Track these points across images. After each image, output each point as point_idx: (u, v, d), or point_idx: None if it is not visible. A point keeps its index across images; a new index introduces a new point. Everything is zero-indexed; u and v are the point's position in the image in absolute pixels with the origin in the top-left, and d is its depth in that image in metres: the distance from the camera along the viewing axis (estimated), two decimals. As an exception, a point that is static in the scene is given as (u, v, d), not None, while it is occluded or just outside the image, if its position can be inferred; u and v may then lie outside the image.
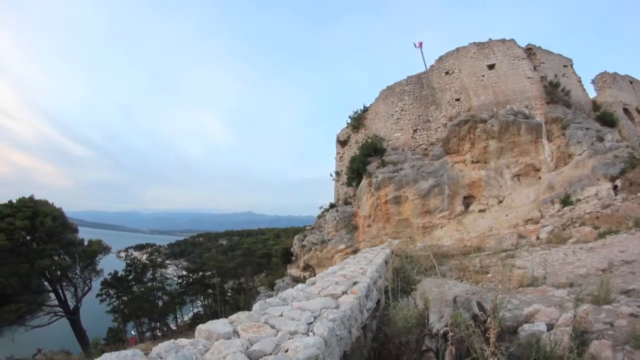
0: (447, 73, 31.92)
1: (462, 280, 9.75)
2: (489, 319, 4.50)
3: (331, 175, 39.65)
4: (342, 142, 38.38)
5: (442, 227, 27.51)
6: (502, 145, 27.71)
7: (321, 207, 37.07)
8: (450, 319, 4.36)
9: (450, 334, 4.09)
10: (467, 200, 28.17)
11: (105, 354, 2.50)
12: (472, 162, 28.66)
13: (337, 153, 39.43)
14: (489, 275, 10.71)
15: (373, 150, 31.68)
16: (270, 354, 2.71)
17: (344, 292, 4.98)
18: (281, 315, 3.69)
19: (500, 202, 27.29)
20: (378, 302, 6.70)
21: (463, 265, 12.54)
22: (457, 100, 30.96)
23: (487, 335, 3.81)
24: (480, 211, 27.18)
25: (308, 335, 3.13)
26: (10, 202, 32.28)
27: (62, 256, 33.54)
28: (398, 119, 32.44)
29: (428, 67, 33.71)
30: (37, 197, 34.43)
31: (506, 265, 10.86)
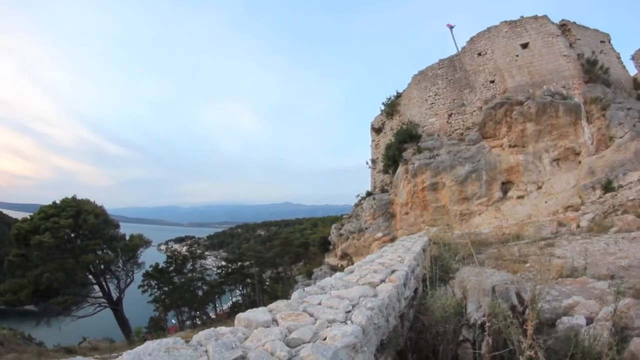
0: (479, 54, 30.70)
1: (500, 269, 9.15)
2: (527, 310, 4.44)
3: (367, 163, 39.04)
4: (377, 130, 37.73)
5: (479, 214, 26.71)
6: (539, 128, 26.47)
7: (358, 196, 36.97)
8: (488, 309, 4.27)
9: (487, 324, 3.99)
10: (505, 186, 27.17)
11: (148, 342, 2.59)
12: (510, 146, 27.48)
13: (372, 140, 38.74)
14: (528, 264, 10.32)
15: (408, 136, 30.98)
16: (309, 342, 2.74)
17: (382, 281, 4.98)
18: (319, 304, 3.71)
19: (539, 188, 26.11)
20: (416, 291, 6.66)
21: (501, 253, 12.17)
22: (492, 82, 29.78)
23: (524, 327, 3.75)
24: (518, 197, 26.20)
25: (346, 324, 3.14)
26: (54, 202, 33.27)
27: (105, 251, 34.38)
28: (432, 103, 31.61)
29: (459, 50, 32.46)
30: (79, 197, 35.37)
31: (545, 255, 10.74)
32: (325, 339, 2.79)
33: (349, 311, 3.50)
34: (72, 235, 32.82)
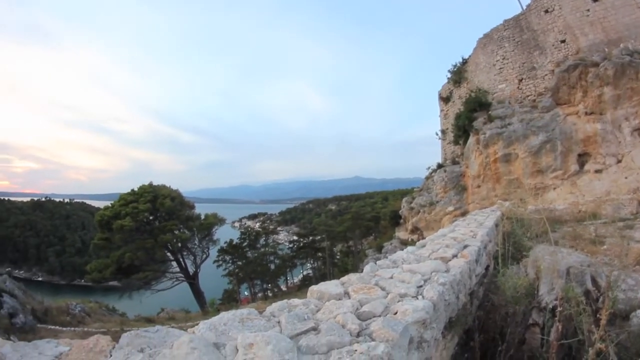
0: (546, 11, 27.86)
1: (576, 250, 8.51)
2: (601, 298, 4.25)
3: (437, 134, 37.29)
4: (445, 99, 36.07)
5: (554, 188, 24.79)
6: (618, 93, 23.44)
7: (429, 168, 35.84)
8: (561, 293, 4.08)
9: (559, 309, 3.80)
10: (582, 159, 24.80)
11: (223, 312, 2.69)
12: (586, 113, 24.77)
13: (441, 110, 37.13)
14: (604, 247, 9.48)
15: (478, 104, 29.24)
16: (379, 316, 2.74)
17: (454, 256, 4.91)
18: (391, 278, 3.70)
19: (619, 161, 23.41)
20: (487, 268, 6.49)
21: (576, 233, 11.35)
22: (563, 42, 27.06)
23: (597, 316, 3.56)
24: (596, 171, 23.84)
25: (417, 299, 3.13)
26: (132, 190, 35.36)
27: (181, 230, 36.06)
28: (500, 68, 29.56)
29: (524, 8, 29.61)
30: (155, 183, 37.40)
31: (624, 238, 9.89)
32: (396, 313, 2.79)
33: (421, 286, 3.48)
34: (151, 218, 35.03)
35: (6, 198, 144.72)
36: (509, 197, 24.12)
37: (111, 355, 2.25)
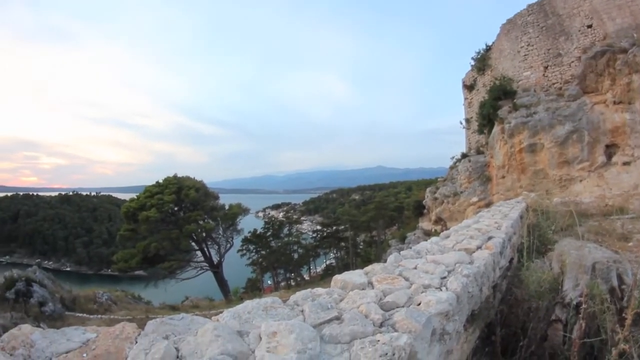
0: None
1: (601, 245, 7.98)
2: (626, 296, 4.13)
3: (461, 123, 36.50)
4: (469, 87, 35.17)
5: (580, 180, 23.81)
6: None
7: (453, 158, 35.32)
8: (585, 289, 3.98)
9: (583, 306, 3.71)
10: (610, 150, 23.74)
11: (247, 301, 2.70)
12: (614, 102, 23.56)
13: (465, 99, 36.28)
14: (631, 243, 9.17)
15: (502, 93, 28.33)
16: (403, 306, 2.74)
17: (479, 247, 4.87)
18: (415, 268, 3.68)
19: None
20: (511, 261, 6.41)
21: (603, 227, 10.96)
22: (589, 27, 25.75)
23: (622, 315, 3.46)
24: (624, 164, 22.71)
25: (441, 290, 3.12)
26: (157, 182, 36.09)
27: (206, 220, 36.54)
28: (525, 55, 28.47)
29: None
30: (179, 175, 37.91)
31: None
32: (419, 304, 2.79)
33: (444, 277, 3.46)
34: (176, 208, 35.72)
35: (35, 193, 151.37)
36: (534, 189, 23.74)
37: (137, 342, 2.30)
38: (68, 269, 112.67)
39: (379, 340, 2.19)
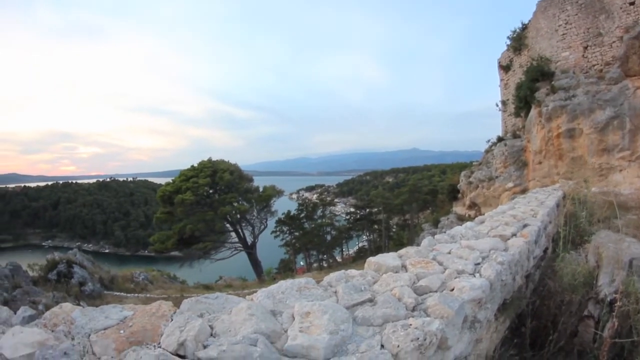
0: None
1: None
2: None
3: (497, 105, 35.22)
4: (505, 67, 33.42)
5: (620, 170, 22.20)
6: None
7: (488, 141, 34.10)
8: (621, 286, 3.82)
9: (617, 303, 3.54)
10: None
11: (281, 281, 2.76)
12: None
13: (501, 80, 35.06)
14: None
15: (540, 74, 26.71)
16: (436, 291, 2.73)
17: (514, 235, 4.80)
18: (449, 253, 3.66)
19: None
20: (545, 251, 6.27)
21: None
22: (632, 4, 23.58)
23: None
24: None
25: (474, 277, 3.09)
26: (192, 166, 36.74)
27: (240, 202, 37.08)
28: (563, 34, 26.52)
29: None
30: (214, 159, 38.43)
31: None
32: (452, 289, 2.78)
33: (478, 263, 3.43)
34: (210, 191, 36.20)
35: (74, 181, 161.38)
36: (571, 176, 22.58)
37: (172, 320, 2.36)
38: (107, 251, 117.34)
39: (411, 325, 2.19)
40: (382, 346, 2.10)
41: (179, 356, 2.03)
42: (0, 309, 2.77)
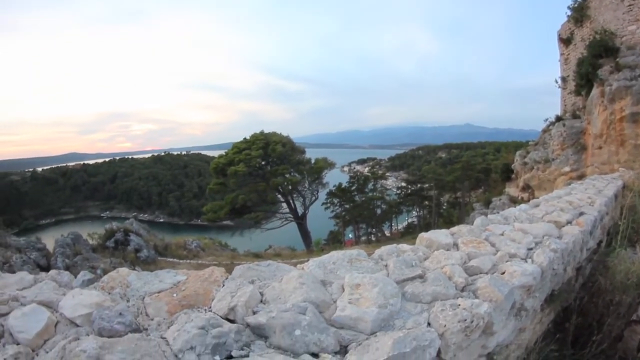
0: None
1: None
2: None
3: (556, 82, 32.70)
4: (565, 41, 30.70)
5: None
6: None
7: (546, 120, 31.28)
8: None
9: None
10: None
11: (333, 252, 2.81)
12: None
13: (561, 54, 32.37)
14: None
15: (603, 49, 24.09)
16: (487, 273, 2.71)
17: (569, 222, 4.63)
18: (502, 235, 3.59)
19: None
20: (599, 244, 5.91)
21: None
22: None
23: None
24: None
25: (526, 262, 3.02)
26: (244, 139, 37.44)
27: (292, 174, 37.79)
28: (630, 6, 23.69)
29: None
30: (266, 131, 38.81)
31: None
32: (503, 273, 2.73)
33: (531, 248, 3.34)
34: (263, 163, 36.81)
35: (130, 156, 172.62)
36: (633, 166, 20.44)
37: (224, 285, 2.44)
38: (161, 220, 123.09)
39: (459, 305, 2.18)
40: (429, 324, 2.10)
41: (229, 320, 2.10)
42: (62, 274, 2.94)
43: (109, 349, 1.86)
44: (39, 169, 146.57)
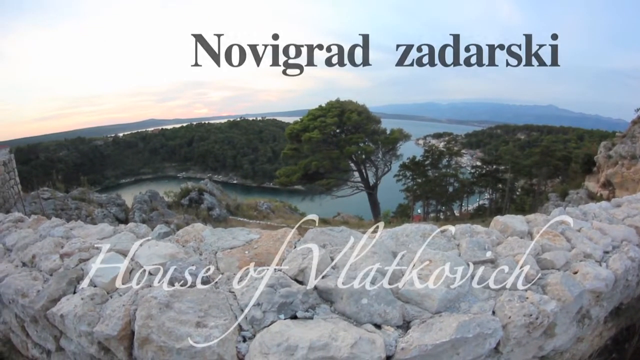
0: None
1: None
2: None
3: None
4: None
5: None
6: None
7: (638, 110, 28.30)
8: None
9: None
10: None
11: (406, 224, 2.85)
12: None
13: None
14: None
15: None
16: (559, 270, 2.60)
17: None
18: (579, 231, 3.34)
19: None
20: None
21: None
22: None
23: None
24: None
25: (600, 265, 2.81)
26: (320, 106, 37.44)
27: (366, 143, 37.81)
28: None
29: None
30: (342, 99, 38.60)
31: None
32: (576, 272, 2.59)
33: (608, 252, 3.08)
34: (337, 130, 36.89)
35: (206, 122, 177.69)
36: None
37: (295, 247, 2.53)
38: (235, 181, 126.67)
39: (527, 298, 2.14)
40: (494, 312, 2.09)
41: (298, 282, 2.17)
42: (139, 226, 3.26)
43: (178, 298, 1.99)
44: (120, 135, 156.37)
